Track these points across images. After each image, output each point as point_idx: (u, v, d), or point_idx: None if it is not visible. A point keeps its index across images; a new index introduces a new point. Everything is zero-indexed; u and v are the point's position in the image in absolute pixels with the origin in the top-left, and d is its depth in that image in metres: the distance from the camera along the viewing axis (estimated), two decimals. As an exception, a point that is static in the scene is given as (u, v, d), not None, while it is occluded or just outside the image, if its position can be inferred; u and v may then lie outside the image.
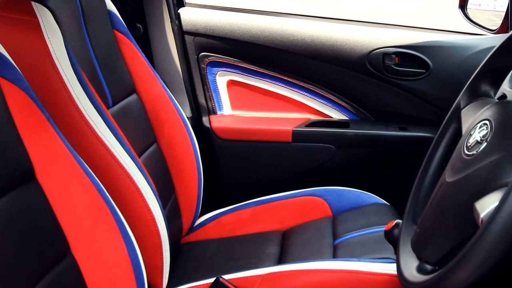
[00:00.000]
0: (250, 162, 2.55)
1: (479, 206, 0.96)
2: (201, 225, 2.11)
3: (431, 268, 1.12)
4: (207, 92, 2.53)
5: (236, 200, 2.23)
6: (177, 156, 1.95)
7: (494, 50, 1.27)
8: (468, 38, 2.52)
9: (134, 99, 1.85)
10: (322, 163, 2.52)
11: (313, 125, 2.52)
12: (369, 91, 2.51)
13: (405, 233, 1.29)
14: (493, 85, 1.33)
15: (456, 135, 1.34)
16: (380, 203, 2.13)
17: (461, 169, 1.08)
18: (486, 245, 0.84)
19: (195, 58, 2.49)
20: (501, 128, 1.06)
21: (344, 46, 2.43)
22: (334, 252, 1.86)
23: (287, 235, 2.04)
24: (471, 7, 2.64)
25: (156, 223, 1.54)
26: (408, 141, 2.48)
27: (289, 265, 1.70)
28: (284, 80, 2.53)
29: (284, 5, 10.73)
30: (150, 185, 1.56)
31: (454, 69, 2.41)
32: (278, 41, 2.45)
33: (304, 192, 2.19)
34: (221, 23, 2.46)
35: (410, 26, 2.64)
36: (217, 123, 2.52)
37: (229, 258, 1.91)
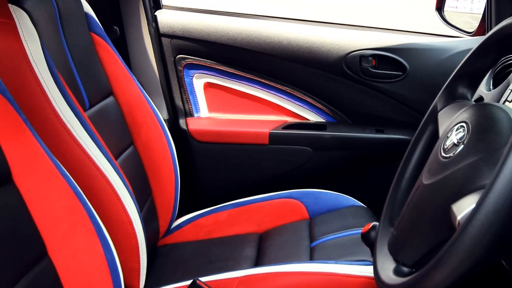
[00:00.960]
0: (227, 164, 2.55)
1: (456, 209, 0.96)
2: (178, 228, 2.10)
3: (408, 271, 1.12)
4: (184, 94, 2.53)
5: (213, 203, 2.22)
6: (154, 159, 1.94)
7: (471, 52, 1.28)
8: (445, 41, 2.53)
9: (111, 101, 1.85)
10: (299, 165, 2.52)
11: (290, 127, 2.53)
12: (346, 94, 2.51)
13: (382, 236, 1.29)
14: (470, 87, 1.34)
15: (433, 138, 1.34)
16: (357, 205, 2.14)
17: (438, 171, 1.09)
18: (463, 248, 0.84)
19: (172, 60, 2.49)
20: (478, 130, 1.06)
21: (321, 49, 2.44)
22: (311, 255, 1.86)
23: (264, 237, 2.04)
24: (448, 9, 2.65)
25: (133, 226, 1.54)
26: (385, 143, 2.49)
27: (266, 267, 1.71)
28: (261, 82, 2.53)
29: (262, 7, 10.76)
30: (127, 187, 1.56)
31: (431, 71, 2.42)
32: (255, 44, 2.45)
33: (281, 194, 2.19)
34: (198, 26, 2.46)
35: (387, 29, 2.65)
36: (194, 125, 2.52)
37: (206, 260, 1.90)
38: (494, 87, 1.88)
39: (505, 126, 1.03)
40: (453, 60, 2.38)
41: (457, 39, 2.56)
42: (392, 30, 2.64)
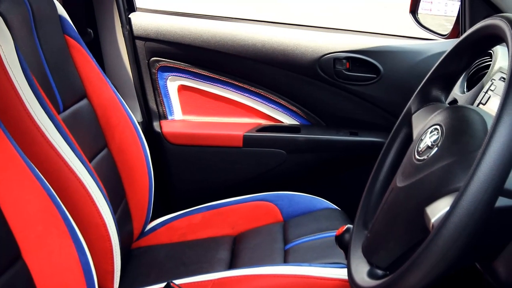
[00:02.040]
0: (201, 167, 2.55)
1: (430, 211, 0.97)
2: (152, 230, 2.10)
3: (382, 273, 1.13)
4: (158, 97, 2.52)
5: (187, 205, 2.22)
6: (128, 161, 1.94)
7: (445, 55, 1.29)
8: (419, 43, 2.55)
9: (85, 104, 1.84)
10: (273, 168, 2.52)
11: (264, 130, 2.53)
12: (320, 96, 2.52)
13: (356, 238, 1.29)
14: (444, 90, 1.34)
15: (407, 140, 1.35)
16: (331, 208, 2.15)
17: (412, 174, 1.09)
18: (436, 250, 0.84)
19: (146, 63, 2.48)
20: (452, 133, 1.07)
21: (295, 51, 2.45)
22: (285, 257, 1.86)
23: (238, 240, 2.04)
24: (422, 12, 2.66)
25: (107, 228, 1.54)
26: (359, 146, 2.50)
27: (240, 270, 1.71)
28: (235, 85, 2.53)
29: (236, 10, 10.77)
30: (101, 190, 1.56)
31: (405, 74, 2.43)
32: (229, 46, 2.45)
33: (255, 197, 2.19)
34: (172, 28, 2.45)
35: (361, 31, 2.66)
36: (168, 128, 2.51)
37: (180, 263, 1.90)
38: (468, 89, 1.89)
39: (479, 129, 1.04)
40: (427, 62, 2.40)
41: (431, 42, 2.58)
42: (366, 33, 2.65)
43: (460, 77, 1.41)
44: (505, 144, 0.81)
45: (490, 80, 1.74)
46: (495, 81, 1.71)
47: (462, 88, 1.96)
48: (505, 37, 0.96)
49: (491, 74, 1.78)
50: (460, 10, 2.40)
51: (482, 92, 1.74)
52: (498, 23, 1.00)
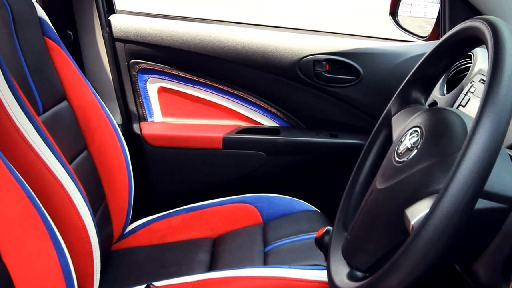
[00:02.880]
0: (180, 169, 2.55)
1: (409, 213, 0.97)
2: (132, 232, 2.09)
3: (361, 275, 1.13)
4: (138, 99, 2.52)
5: (167, 207, 2.22)
6: (107, 163, 1.93)
7: (425, 57, 1.29)
8: (398, 45, 2.56)
9: (64, 106, 1.83)
10: (252, 170, 2.53)
11: (243, 132, 2.53)
12: (300, 98, 2.53)
13: (336, 240, 1.29)
14: (423, 92, 1.34)
15: (387, 142, 1.35)
16: (311, 210, 2.15)
17: (392, 176, 1.09)
18: (416, 252, 0.84)
19: (126, 65, 2.48)
20: (431, 135, 1.07)
21: (274, 53, 2.45)
22: (264, 259, 1.87)
23: (218, 242, 2.04)
24: (401, 14, 2.68)
25: (86, 230, 1.53)
26: (339, 148, 2.51)
27: (219, 272, 1.71)
28: (215, 87, 2.54)
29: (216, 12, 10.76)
30: (81, 192, 1.55)
31: (384, 76, 2.44)
32: (209, 48, 2.45)
33: (234, 199, 2.19)
34: (152, 30, 2.45)
35: (341, 33, 2.67)
36: (147, 130, 2.51)
37: (159, 265, 1.89)
38: (448, 92, 1.90)
39: (458, 131, 1.05)
40: (406, 64, 2.41)
41: (411, 44, 2.59)
42: (346, 35, 2.66)
43: (440, 79, 1.42)
44: (485, 146, 0.81)
45: (470, 82, 1.75)
46: (475, 83, 1.72)
47: (442, 90, 1.97)
48: (484, 39, 0.97)
49: (470, 76, 1.79)
50: (439, 12, 2.42)
51: (462, 94, 1.75)
52: (477, 25, 1.01)
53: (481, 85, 1.68)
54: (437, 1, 2.51)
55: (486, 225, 0.97)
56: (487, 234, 0.99)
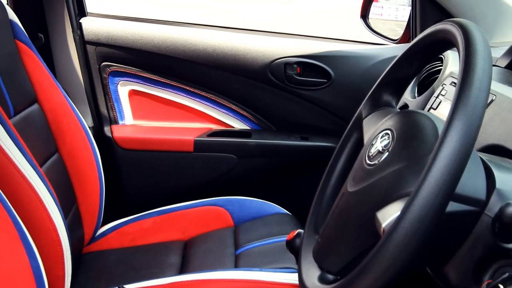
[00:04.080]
0: (152, 171, 2.54)
1: (380, 216, 0.97)
2: (103, 235, 2.08)
3: (332, 278, 1.13)
4: (109, 102, 2.51)
5: (138, 210, 2.21)
6: (78, 166, 1.93)
7: (396, 60, 1.29)
8: (370, 48, 2.58)
9: (35, 108, 1.83)
10: (224, 172, 2.53)
11: (214, 134, 2.53)
12: (271, 101, 2.53)
13: (307, 243, 1.29)
14: (394, 95, 1.34)
15: (358, 145, 1.35)
16: (282, 212, 2.16)
17: (363, 179, 1.09)
18: (387, 255, 0.84)
19: (97, 67, 2.47)
20: (402, 138, 1.07)
21: (246, 56, 2.46)
22: (235, 262, 1.87)
23: (189, 244, 2.04)
24: (372, 17, 2.69)
25: (57, 233, 1.53)
26: (310, 151, 2.52)
27: (190, 275, 1.71)
28: (186, 90, 2.54)
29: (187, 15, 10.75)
30: (52, 194, 1.55)
31: (356, 79, 2.46)
32: (180, 51, 2.45)
33: (205, 202, 2.20)
34: (123, 33, 2.45)
35: (312, 36, 2.67)
36: (118, 133, 2.50)
37: (130, 267, 1.89)
38: (419, 94, 1.91)
39: (429, 134, 1.05)
40: (378, 67, 2.43)
41: (382, 47, 2.60)
42: (317, 38, 2.67)
43: (411, 82, 1.42)
44: (456, 149, 0.81)
45: (441, 85, 1.77)
46: (446, 86, 1.73)
47: (413, 93, 1.98)
48: (456, 42, 0.97)
49: (442, 79, 1.81)
50: (411, 14, 2.43)
51: (433, 97, 1.76)
52: (449, 28, 1.01)
53: (452, 88, 1.70)
54: (408, 4, 2.53)
55: (457, 228, 0.98)
56: (458, 237, 0.99)
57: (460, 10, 2.18)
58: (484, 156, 1.09)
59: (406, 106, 1.95)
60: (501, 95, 1.43)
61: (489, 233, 0.96)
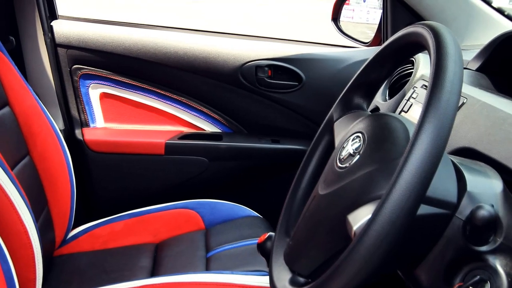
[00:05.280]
0: (123, 174, 2.54)
1: (351, 219, 0.96)
2: (74, 238, 2.08)
3: (303, 281, 1.12)
4: (80, 104, 2.50)
5: (109, 213, 2.21)
6: (50, 169, 1.92)
7: (367, 63, 1.28)
8: (341, 51, 2.59)
9: (6, 111, 1.82)
10: (195, 175, 2.53)
11: (186, 137, 2.54)
12: (242, 104, 2.54)
13: (278, 246, 1.28)
14: (365, 97, 1.33)
15: (329, 148, 1.34)
16: (253, 215, 2.17)
17: (334, 181, 1.08)
18: (358, 258, 0.83)
19: (68, 70, 2.46)
20: (373, 140, 1.07)
21: (217, 59, 2.46)
22: (206, 265, 1.88)
23: (160, 247, 2.04)
24: (344, 20, 2.70)
25: (28, 236, 1.53)
26: (281, 153, 2.53)
27: (161, 277, 1.71)
28: (157, 92, 2.54)
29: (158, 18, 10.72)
30: (23, 197, 1.55)
31: (326, 81, 2.47)
32: (151, 54, 2.45)
33: (177, 204, 2.20)
34: (94, 36, 2.44)
35: (283, 39, 2.68)
36: (90, 135, 2.49)
37: (101, 270, 1.89)
38: (390, 97, 1.92)
39: (401, 136, 1.04)
40: (349, 70, 2.44)
41: (353, 50, 2.62)
42: (288, 41, 2.68)
43: (382, 85, 1.42)
44: (427, 152, 0.81)
45: (412, 88, 1.77)
46: (417, 88, 1.74)
47: (384, 95, 1.98)
48: (427, 45, 0.97)
49: (413, 81, 1.82)
50: (382, 17, 2.45)
51: (404, 99, 1.77)
52: (420, 30, 1.01)
53: (423, 91, 1.70)
54: (380, 7, 2.54)
55: (428, 231, 0.98)
56: (430, 239, 0.99)
57: (431, 13, 2.19)
58: (455, 159, 1.09)
59: (377, 109, 1.95)
60: (472, 98, 1.43)
61: (460, 236, 0.96)
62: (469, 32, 2.16)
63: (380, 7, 2.50)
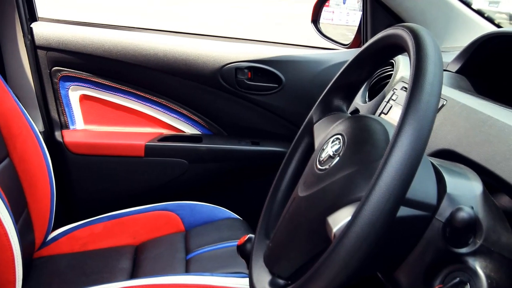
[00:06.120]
0: (103, 176, 2.53)
1: (331, 221, 0.95)
2: (54, 240, 2.07)
3: (283, 283, 1.11)
4: (60, 106, 2.49)
5: (89, 215, 2.20)
6: (29, 171, 1.92)
7: (346, 64, 1.28)
8: (320, 53, 2.59)
9: (-14, 114, 1.82)
10: (174, 177, 2.54)
11: (165, 139, 2.54)
12: (222, 106, 2.54)
13: (258, 248, 1.28)
14: (345, 99, 1.33)
15: (309, 150, 1.34)
16: (233, 217, 2.17)
17: (314, 183, 1.08)
18: (338, 260, 0.82)
19: (48, 72, 2.45)
20: (353, 142, 1.06)
21: (196, 61, 2.46)
22: (186, 267, 1.88)
23: (140, 249, 2.04)
24: (323, 22, 2.71)
25: (8, 238, 1.52)
26: (261, 155, 2.53)
27: (141, 279, 1.72)
28: (137, 94, 2.54)
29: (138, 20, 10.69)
30: (3, 199, 1.54)
31: (306, 83, 2.48)
32: (131, 56, 2.45)
33: (156, 206, 2.20)
34: (74, 38, 2.43)
35: (262, 41, 2.68)
36: (69, 137, 2.49)
37: (81, 272, 1.89)
38: (370, 99, 1.93)
39: (380, 138, 1.04)
40: (328, 72, 2.45)
41: (333, 51, 2.62)
42: (268, 43, 2.68)
43: (362, 87, 1.42)
44: (407, 154, 0.80)
45: (391, 90, 1.78)
46: (396, 90, 1.75)
47: (364, 97, 1.98)
48: (406, 46, 0.97)
49: (392, 83, 1.82)
50: (362, 20, 2.45)
51: (383, 101, 1.78)
52: (399, 32, 1.01)
53: (403, 93, 1.71)
54: (359, 9, 2.55)
55: (408, 233, 0.97)
56: (409, 241, 0.99)
57: (411, 15, 2.20)
58: (435, 161, 1.09)
59: (357, 111, 1.95)
60: (452, 99, 1.44)
61: (440, 238, 0.96)
62: (448, 34, 2.17)
63: (360, 9, 2.50)
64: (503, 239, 1.00)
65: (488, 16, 2.18)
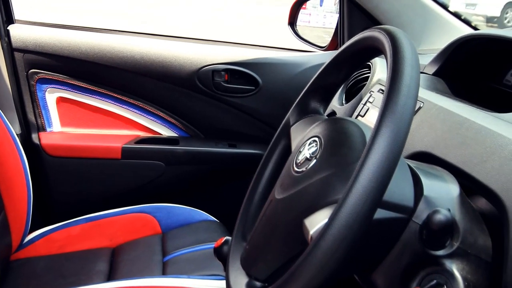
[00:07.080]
0: (80, 179, 2.53)
1: (308, 223, 0.95)
2: (31, 242, 2.07)
3: (260, 285, 1.11)
4: (37, 109, 2.49)
5: (66, 217, 2.20)
6: (6, 173, 1.92)
7: (323, 67, 1.28)
8: (297, 55, 2.61)
9: (-38, 116, 1.82)
10: (151, 180, 2.54)
11: (142, 142, 2.54)
12: (199, 108, 2.55)
13: (235, 250, 1.27)
14: (322, 102, 1.33)
15: (286, 152, 1.34)
16: (210, 220, 2.18)
17: (291, 186, 1.08)
18: (315, 262, 0.82)
19: (25, 74, 2.44)
20: (330, 144, 1.06)
21: (173, 63, 2.47)
22: (163, 269, 1.89)
23: (117, 252, 2.04)
24: (300, 24, 2.71)
25: (-15, 240, 1.53)
26: (238, 158, 2.54)
27: (118, 282, 1.72)
28: (114, 97, 2.54)
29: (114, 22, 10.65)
30: (-20, 202, 1.55)
31: (283, 86, 2.49)
32: (108, 58, 2.45)
33: (133, 209, 2.20)
34: (51, 40, 2.43)
35: (239, 43, 2.69)
36: (46, 140, 2.48)
37: (58, 275, 1.88)
38: (347, 101, 1.93)
39: (357, 141, 1.04)
40: (305, 74, 2.46)
41: (310, 54, 2.63)
42: (245, 45, 2.68)
43: (339, 89, 1.43)
44: (384, 156, 0.81)
45: (368, 92, 1.79)
46: (373, 93, 1.76)
47: (341, 100, 1.99)
48: (383, 49, 0.97)
49: (369, 86, 1.83)
50: (339, 22, 2.46)
51: (360, 104, 1.79)
52: (376, 35, 1.01)
53: (380, 95, 1.72)
54: (336, 11, 2.56)
55: (385, 235, 0.98)
56: (386, 244, 0.99)
57: (388, 17, 2.22)
58: (411, 163, 1.10)
59: (333, 113, 1.96)
60: (428, 102, 1.45)
61: (417, 240, 0.97)
62: (425, 36, 2.19)
63: (337, 11, 2.51)
64: (480, 241, 1.01)
65: (465, 18, 2.20)
